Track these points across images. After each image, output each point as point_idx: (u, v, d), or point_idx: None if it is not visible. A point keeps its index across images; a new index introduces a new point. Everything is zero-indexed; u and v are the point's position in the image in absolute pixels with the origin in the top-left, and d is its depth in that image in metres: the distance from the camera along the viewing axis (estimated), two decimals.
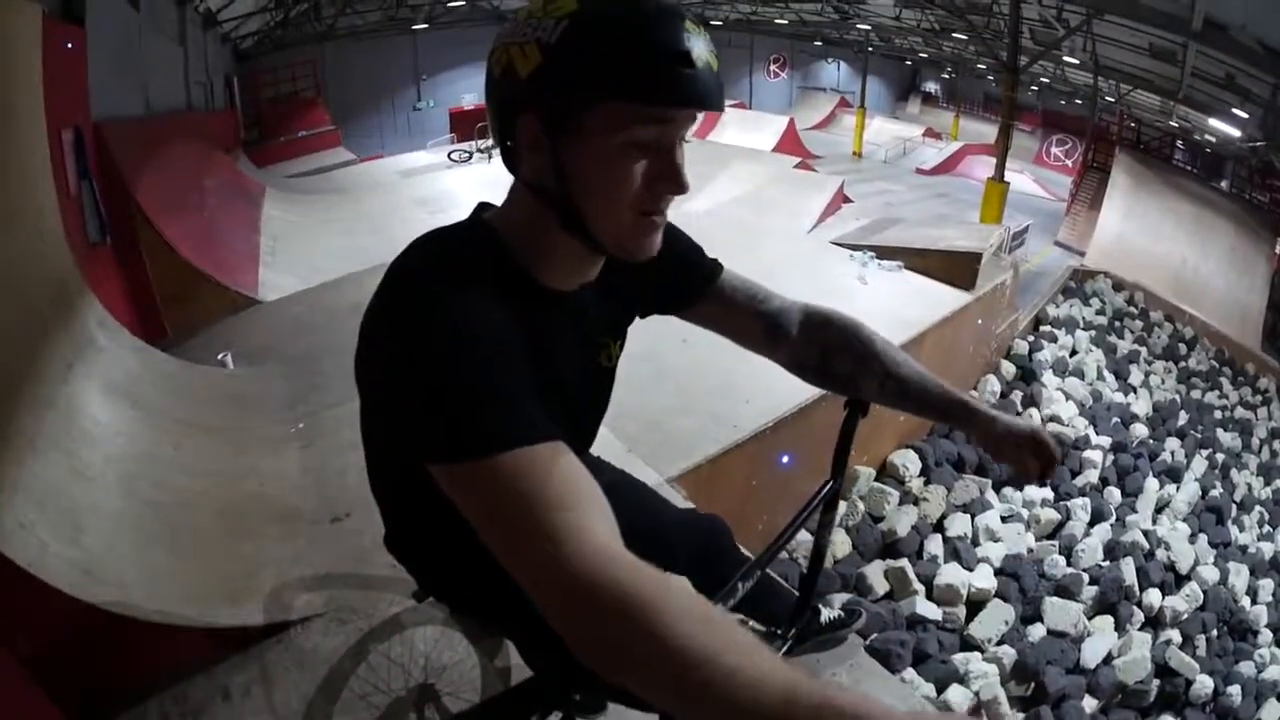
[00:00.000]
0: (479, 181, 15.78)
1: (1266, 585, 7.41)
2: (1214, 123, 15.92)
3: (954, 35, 19.37)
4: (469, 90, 26.52)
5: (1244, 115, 14.23)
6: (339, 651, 1.79)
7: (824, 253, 7.15)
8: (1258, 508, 8.92)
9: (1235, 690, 5.83)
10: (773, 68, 36.22)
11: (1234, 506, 8.62)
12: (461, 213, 0.94)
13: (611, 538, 0.66)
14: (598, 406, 1.06)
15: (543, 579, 0.65)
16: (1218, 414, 10.80)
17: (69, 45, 4.17)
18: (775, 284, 1.21)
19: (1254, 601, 7.17)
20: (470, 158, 19.88)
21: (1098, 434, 8.10)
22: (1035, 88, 29.37)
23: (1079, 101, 23.80)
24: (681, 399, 3.85)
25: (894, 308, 5.75)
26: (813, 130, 30.66)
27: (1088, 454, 7.64)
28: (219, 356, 3.93)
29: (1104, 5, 12.34)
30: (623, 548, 0.66)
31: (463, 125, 22.97)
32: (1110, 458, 7.84)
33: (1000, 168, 12.66)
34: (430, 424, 0.70)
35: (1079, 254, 14.47)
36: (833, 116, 32.30)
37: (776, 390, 3.99)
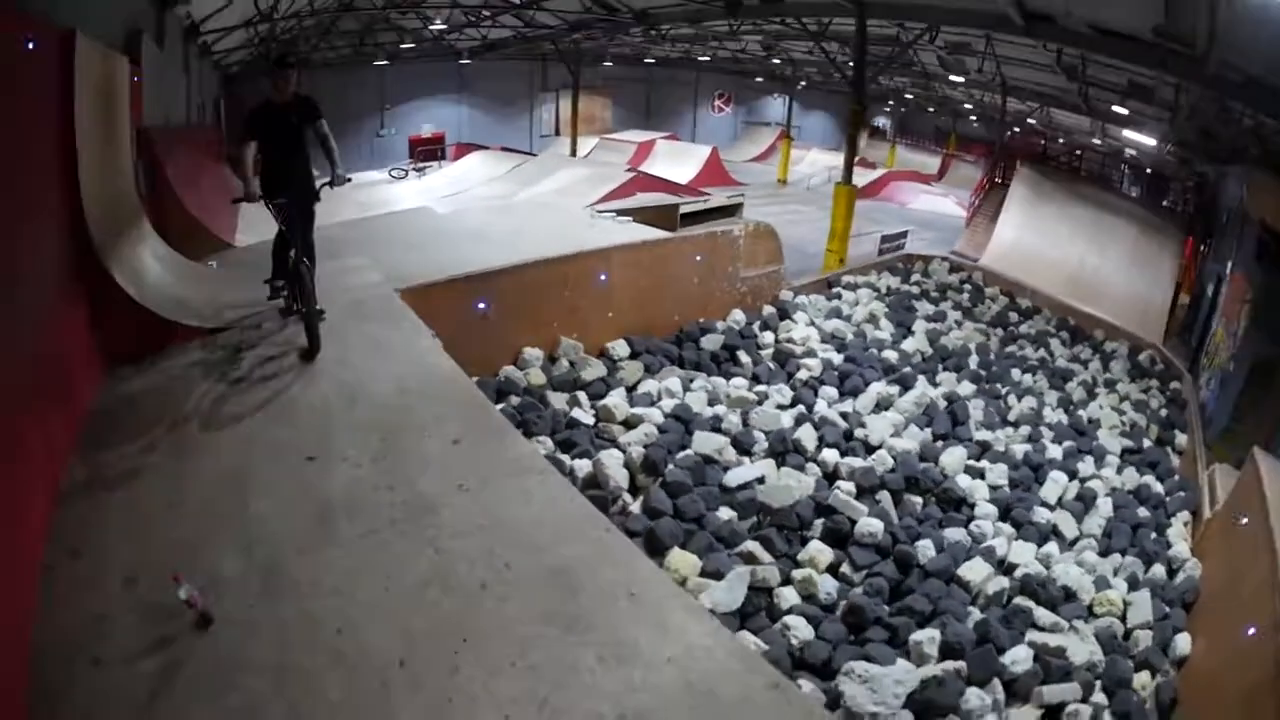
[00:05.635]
0: (411, 190, 19.94)
1: (999, 469, 7.33)
2: (1128, 134, 15.89)
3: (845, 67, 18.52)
4: (427, 120, 29.44)
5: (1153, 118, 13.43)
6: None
7: (579, 214, 9.93)
8: (1043, 428, 8.79)
9: (926, 544, 5.83)
10: (717, 103, 38.93)
11: (996, 416, 8.71)
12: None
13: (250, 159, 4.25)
14: (290, 136, 4.65)
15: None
16: (1030, 362, 10.96)
17: (135, 79, 6.41)
18: (529, 225, 4.58)
19: (977, 479, 7.05)
20: (405, 175, 23.99)
21: (837, 354, 8.89)
22: (975, 119, 31.38)
23: (1018, 129, 25.03)
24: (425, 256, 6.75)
25: (598, 239, 7.83)
26: (753, 162, 33.30)
27: (805, 360, 8.40)
28: (209, 262, 6.79)
29: (941, 19, 12.57)
30: (252, 155, 4.44)
31: (421, 150, 26.99)
32: (836, 372, 8.41)
33: (847, 172, 13.87)
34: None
35: (972, 260, 15.27)
36: (773, 149, 34.28)
37: (490, 260, 6.79)
